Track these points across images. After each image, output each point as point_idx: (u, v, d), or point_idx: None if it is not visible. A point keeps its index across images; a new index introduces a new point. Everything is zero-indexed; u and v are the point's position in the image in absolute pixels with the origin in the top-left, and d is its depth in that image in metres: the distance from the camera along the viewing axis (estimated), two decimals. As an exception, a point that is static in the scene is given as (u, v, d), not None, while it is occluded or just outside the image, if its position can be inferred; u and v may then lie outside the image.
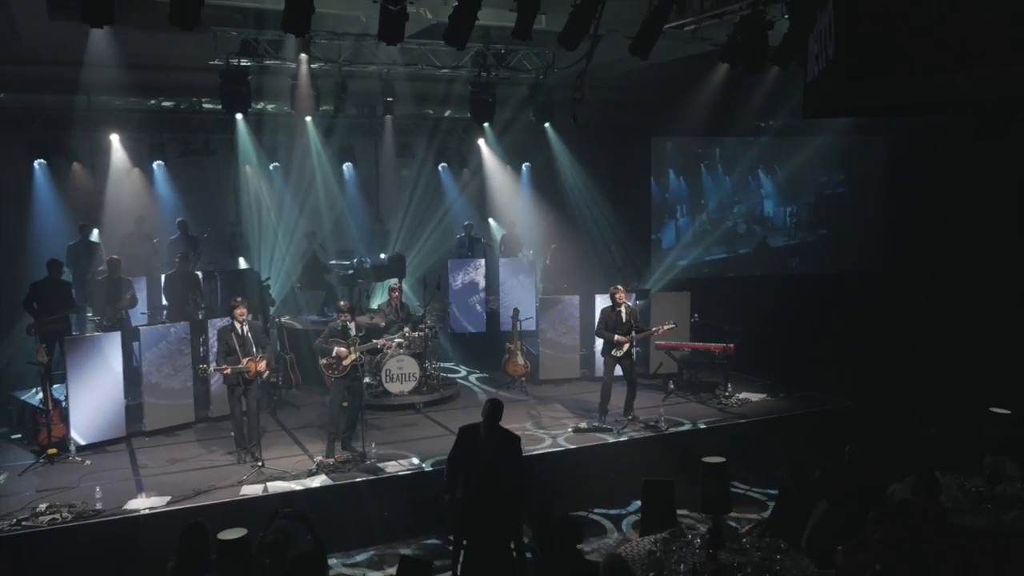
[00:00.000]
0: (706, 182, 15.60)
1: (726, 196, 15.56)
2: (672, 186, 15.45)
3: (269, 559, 5.16)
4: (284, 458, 8.42)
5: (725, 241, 15.50)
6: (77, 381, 8.62)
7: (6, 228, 11.74)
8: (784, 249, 15.84)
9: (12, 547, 6.54)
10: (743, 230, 15.79)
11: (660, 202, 15.26)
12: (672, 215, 15.44)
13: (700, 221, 15.34)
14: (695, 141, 15.27)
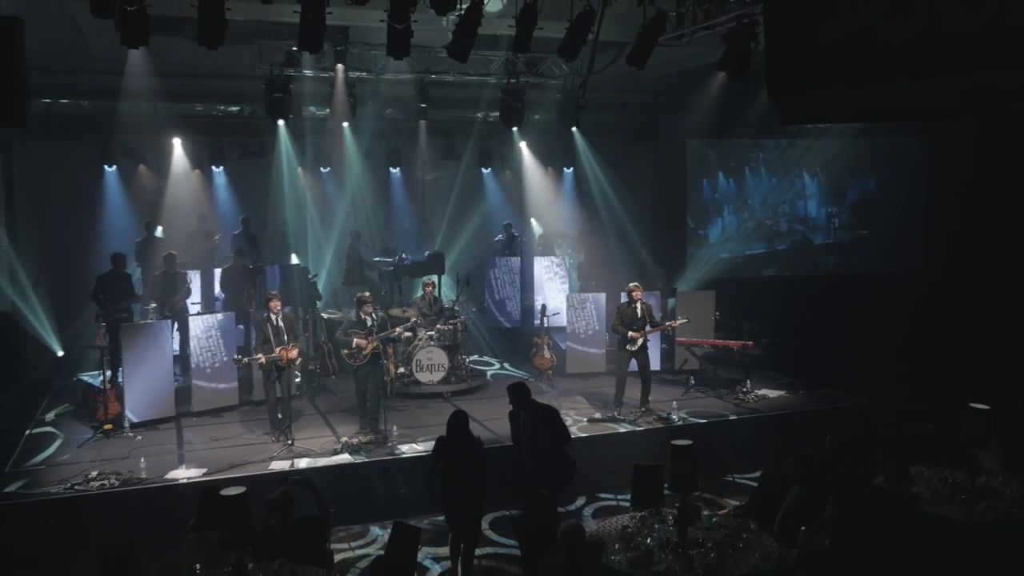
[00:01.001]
0: (751, 183, 15.96)
1: (771, 196, 15.92)
2: (721, 187, 15.90)
3: (275, 519, 5.81)
4: (314, 438, 9.13)
5: (766, 238, 15.94)
6: (132, 364, 9.49)
7: (80, 225, 12.77)
8: (823, 247, 16.16)
9: (66, 507, 7.39)
10: (784, 228, 16.14)
11: (710, 201, 15.69)
12: (719, 213, 15.84)
13: (744, 219, 15.68)
14: (733, 144, 15.58)
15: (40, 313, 11.50)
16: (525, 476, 7.16)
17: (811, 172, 16.11)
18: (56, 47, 10.63)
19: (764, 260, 15.96)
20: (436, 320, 11.35)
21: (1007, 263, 12.41)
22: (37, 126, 11.45)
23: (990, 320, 12.34)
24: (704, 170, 15.63)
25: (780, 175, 15.90)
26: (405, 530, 5.95)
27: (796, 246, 16.03)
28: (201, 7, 6.52)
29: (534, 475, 7.06)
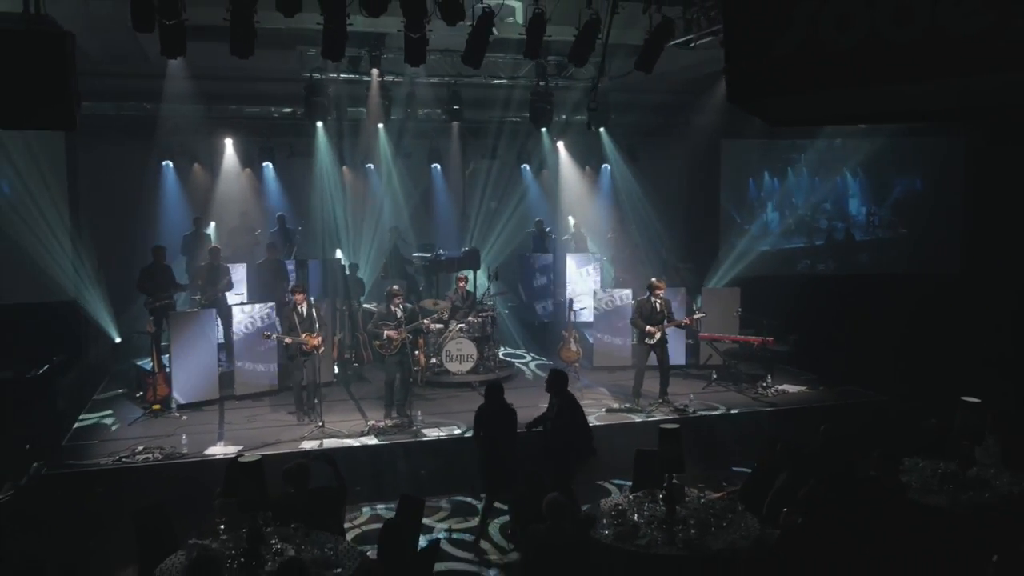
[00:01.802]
0: (793, 182, 16.22)
1: (813, 195, 16.26)
2: (766, 185, 16.21)
3: (292, 488, 6.36)
4: (344, 421, 9.71)
5: (806, 233, 16.27)
6: (179, 350, 10.21)
7: (138, 220, 13.59)
8: (860, 244, 16.33)
9: (113, 477, 8.12)
10: (824, 225, 16.34)
11: (755, 198, 15.98)
12: (764, 209, 16.14)
13: (786, 215, 15.98)
14: (771, 143, 15.79)
15: (100, 302, 12.34)
16: (548, 456, 7.70)
17: (853, 171, 16.31)
18: (118, 54, 11.42)
19: (801, 254, 16.30)
20: (468, 313, 11.84)
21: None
22: (100, 127, 12.36)
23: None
24: (750, 169, 15.98)
25: (822, 174, 16.12)
26: (410, 501, 6.46)
27: (834, 242, 16.22)
28: (232, 19, 7.10)
29: (558, 456, 7.64)
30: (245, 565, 5.33)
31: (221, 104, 13.35)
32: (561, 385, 7.90)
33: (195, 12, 7.79)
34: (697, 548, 5.74)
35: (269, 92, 13.05)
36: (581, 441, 8.00)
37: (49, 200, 12.22)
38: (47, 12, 8.82)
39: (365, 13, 7.03)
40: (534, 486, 6.57)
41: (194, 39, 8.28)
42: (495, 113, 13.70)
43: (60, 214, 12.21)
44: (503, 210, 15.10)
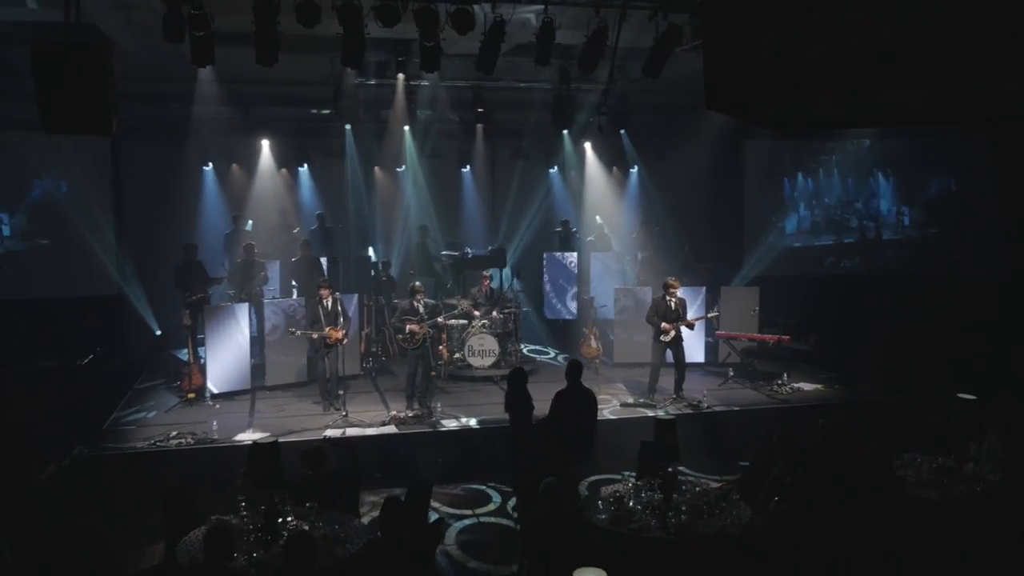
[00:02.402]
0: (826, 183, 16.42)
1: (845, 194, 16.51)
2: (799, 185, 16.40)
3: (309, 470, 6.77)
4: (367, 412, 10.13)
5: (836, 231, 16.47)
6: (213, 342, 10.72)
7: (180, 218, 14.18)
8: (888, 243, 16.51)
9: (147, 460, 8.64)
10: (855, 224, 16.47)
11: (789, 197, 16.30)
12: (796, 208, 16.34)
13: (816, 214, 16.24)
14: (802, 144, 15.97)
15: (142, 296, 12.97)
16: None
17: (885, 172, 16.44)
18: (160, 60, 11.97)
19: (830, 251, 16.50)
20: (491, 310, 12.20)
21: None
22: (143, 129, 12.98)
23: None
24: (783, 169, 16.18)
25: (855, 175, 16.30)
26: (420, 486, 6.82)
27: (864, 240, 16.42)
28: (257, 29, 7.55)
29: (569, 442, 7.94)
30: (261, 539, 5.74)
31: (258, 107, 13.88)
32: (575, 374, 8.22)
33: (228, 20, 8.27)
34: (687, 533, 6.02)
35: (303, 95, 13.50)
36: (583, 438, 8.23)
37: (95, 199, 12.94)
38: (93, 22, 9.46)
39: (380, 24, 7.44)
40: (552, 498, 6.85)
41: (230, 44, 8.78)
42: (522, 115, 14.02)
43: (105, 212, 12.89)
44: (528, 210, 15.42)
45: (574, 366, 8.31)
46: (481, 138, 14.70)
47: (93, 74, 6.38)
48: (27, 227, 13.21)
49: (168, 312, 12.77)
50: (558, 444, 7.99)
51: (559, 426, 8.10)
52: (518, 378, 8.41)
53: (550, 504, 6.00)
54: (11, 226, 13.18)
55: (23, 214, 13.21)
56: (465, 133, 15.08)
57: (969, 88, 3.60)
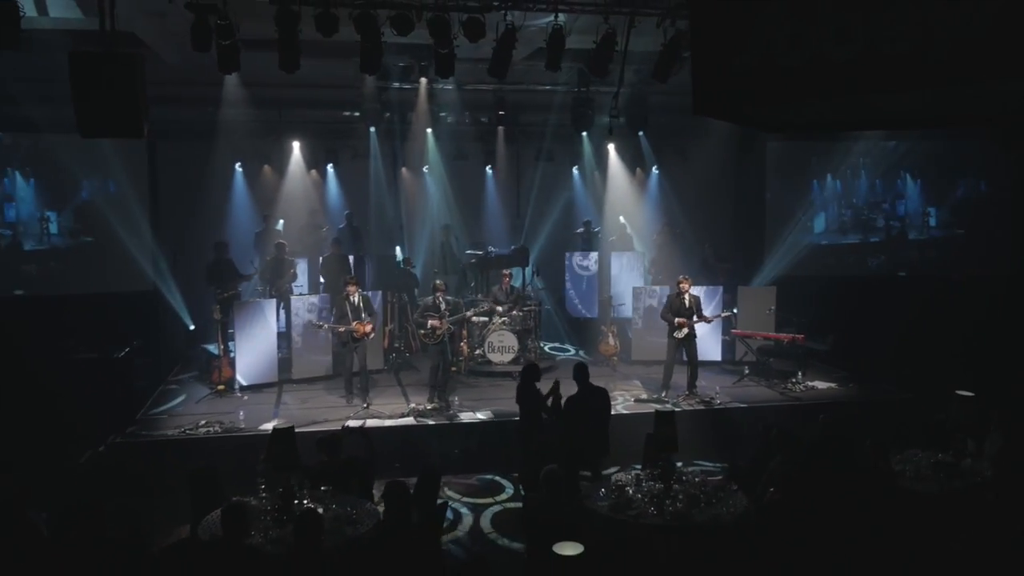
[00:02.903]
0: (853, 184, 16.59)
1: (873, 195, 16.74)
2: (828, 186, 16.58)
3: (325, 456, 7.13)
4: (388, 404, 10.50)
5: (861, 231, 16.69)
6: (242, 336, 11.17)
7: (213, 217, 14.69)
8: (912, 242, 16.67)
9: (177, 447, 9.07)
10: (881, 224, 16.59)
11: (817, 197, 16.49)
12: (824, 208, 16.53)
13: (845, 213, 16.59)
14: (830, 146, 16.09)
15: (176, 292, 13.49)
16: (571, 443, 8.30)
17: (913, 173, 16.57)
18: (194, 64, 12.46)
19: (855, 250, 16.65)
20: (512, 307, 12.50)
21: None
22: (178, 131, 13.50)
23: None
24: (812, 170, 16.35)
25: (883, 175, 16.45)
26: (429, 476, 7.15)
27: (890, 239, 16.59)
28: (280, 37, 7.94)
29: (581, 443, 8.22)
30: (277, 519, 6.12)
31: (288, 109, 14.34)
32: (582, 376, 8.47)
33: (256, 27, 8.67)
34: (682, 520, 6.28)
35: (330, 98, 13.90)
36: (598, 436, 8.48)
37: (134, 199, 13.51)
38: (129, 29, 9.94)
39: (395, 32, 7.79)
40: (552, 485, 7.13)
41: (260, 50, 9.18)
42: (544, 117, 14.32)
43: (141, 211, 13.44)
44: (551, 210, 15.70)
45: (580, 369, 8.53)
46: (502, 140, 14.99)
47: (125, 81, 6.81)
48: (73, 225, 13.83)
49: (201, 308, 13.25)
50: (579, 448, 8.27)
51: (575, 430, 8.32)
52: (530, 373, 8.72)
53: (550, 490, 6.29)
54: (58, 224, 13.80)
55: (70, 213, 13.83)
56: (489, 135, 15.41)
57: (965, 91, 3.82)
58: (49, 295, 13.03)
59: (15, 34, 7.09)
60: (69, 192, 13.65)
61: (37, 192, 13.58)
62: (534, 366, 8.97)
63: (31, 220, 13.59)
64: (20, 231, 13.56)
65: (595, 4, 8.21)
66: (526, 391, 8.61)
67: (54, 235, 13.77)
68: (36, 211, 13.62)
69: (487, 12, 7.96)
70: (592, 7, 8.29)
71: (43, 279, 13.55)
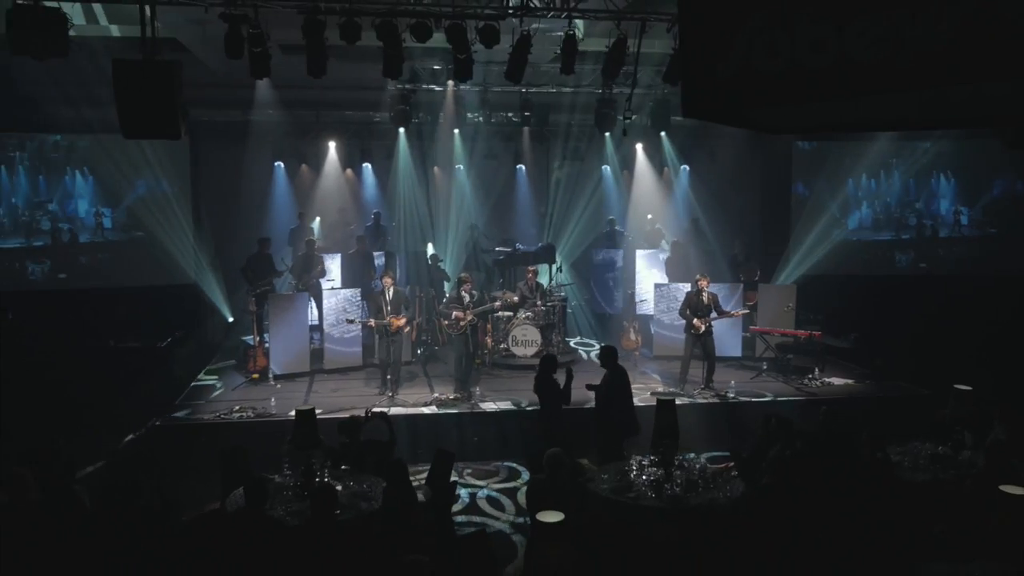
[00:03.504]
0: (886, 184, 16.85)
1: (907, 195, 16.90)
2: (864, 185, 16.76)
3: (346, 438, 7.59)
4: (414, 394, 10.95)
5: (894, 228, 16.90)
6: (276, 328, 11.71)
7: (251, 214, 15.31)
8: (943, 240, 16.81)
9: (212, 430, 9.62)
10: (913, 222, 16.72)
11: (852, 196, 16.71)
12: (858, 207, 16.73)
13: (879, 211, 16.75)
14: (865, 146, 16.23)
15: (215, 285, 14.14)
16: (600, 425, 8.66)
17: (946, 173, 16.66)
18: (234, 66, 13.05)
19: (886, 246, 16.86)
20: (536, 303, 12.88)
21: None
22: (219, 132, 14.13)
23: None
24: (847, 170, 16.55)
25: (917, 175, 16.66)
26: (444, 455, 7.56)
27: (922, 237, 16.74)
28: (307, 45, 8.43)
29: (608, 425, 8.58)
30: (298, 494, 6.59)
31: (325, 110, 14.90)
32: (611, 359, 8.83)
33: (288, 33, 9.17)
34: (678, 503, 6.61)
35: (363, 99, 14.40)
36: (627, 417, 8.83)
37: (175, 196, 14.19)
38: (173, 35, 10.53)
39: (415, 40, 8.22)
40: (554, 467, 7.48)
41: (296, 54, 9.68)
42: (572, 117, 14.67)
43: (184, 208, 14.11)
44: (578, 208, 16.04)
45: (608, 351, 8.88)
46: (527, 139, 15.38)
47: (163, 86, 7.35)
48: (126, 220, 14.60)
49: (240, 301, 13.87)
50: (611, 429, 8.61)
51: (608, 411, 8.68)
52: (548, 364, 9.08)
53: (553, 472, 6.65)
54: (112, 219, 14.59)
55: (124, 209, 14.58)
56: (517, 135, 15.81)
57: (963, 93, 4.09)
58: (99, 287, 13.76)
59: (64, 44, 7.65)
60: (124, 190, 14.40)
61: (95, 189, 14.40)
62: (551, 357, 9.32)
63: (87, 216, 14.41)
64: (78, 225, 14.40)
65: (607, 11, 8.54)
66: (544, 381, 8.95)
67: (108, 229, 14.59)
68: (92, 207, 14.42)
69: (502, 20, 8.34)
70: (604, 14, 8.62)
71: (95, 270, 14.35)
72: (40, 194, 14.14)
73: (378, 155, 15.83)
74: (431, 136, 14.84)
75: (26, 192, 14.05)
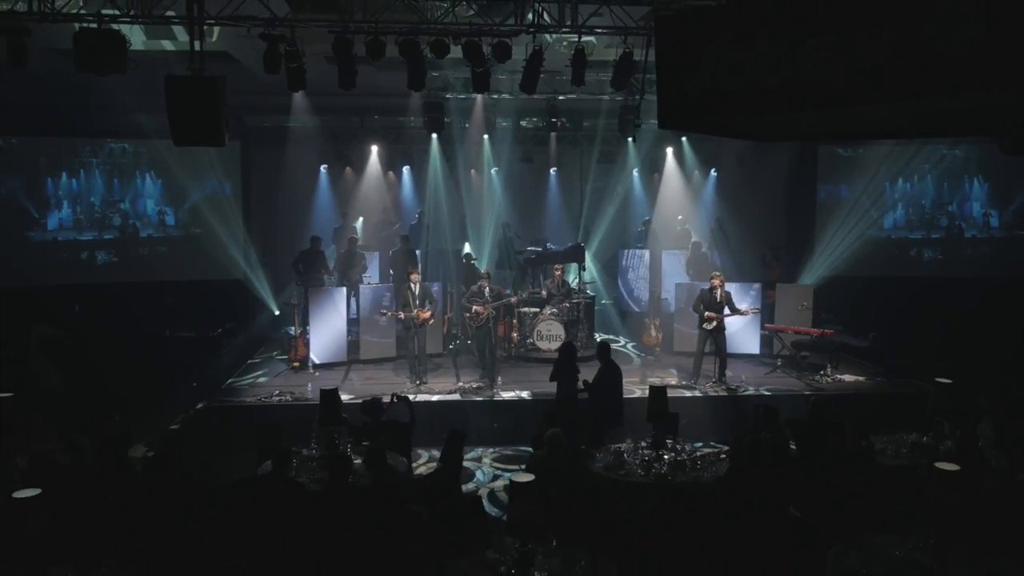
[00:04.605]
0: (919, 185, 17.26)
1: (940, 197, 17.26)
2: (899, 187, 17.11)
3: (368, 417, 8.36)
4: (440, 383, 11.70)
5: (925, 228, 17.31)
6: (316, 320, 12.59)
7: (299, 214, 16.28)
8: (969, 240, 17.19)
9: (254, 412, 10.50)
10: (944, 223, 17.03)
11: (889, 197, 17.14)
12: (893, 208, 17.18)
13: (912, 212, 17.20)
14: (897, 151, 16.56)
15: (264, 281, 15.14)
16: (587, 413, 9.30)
17: (979, 177, 16.91)
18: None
19: (913, 244, 17.31)
20: (562, 300, 13.53)
21: None
22: (268, 137, 15.10)
23: None
24: (881, 174, 16.93)
25: (950, 179, 17.07)
26: (456, 435, 8.26)
27: (951, 237, 17.11)
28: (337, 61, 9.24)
29: (595, 414, 9.19)
30: (322, 464, 7.38)
31: (368, 116, 15.80)
32: (605, 354, 9.46)
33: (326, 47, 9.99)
34: (663, 480, 7.23)
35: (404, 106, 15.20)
36: (612, 409, 9.42)
37: (229, 197, 15.24)
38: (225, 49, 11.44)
39: (434, 56, 8.97)
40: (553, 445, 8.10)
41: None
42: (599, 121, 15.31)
43: (235, 209, 15.15)
44: (609, 209, 16.66)
45: (602, 346, 9.52)
46: (554, 144, 16.06)
47: (208, 99, 8.21)
48: (187, 219, 15.77)
49: (287, 295, 14.83)
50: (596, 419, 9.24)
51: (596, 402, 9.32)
52: (566, 352, 9.74)
53: (550, 450, 7.32)
54: (175, 217, 15.76)
55: (187, 208, 15.76)
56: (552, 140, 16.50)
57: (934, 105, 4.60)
58: (156, 280, 14.89)
59: (123, 61, 8.57)
60: (187, 190, 15.57)
61: (161, 190, 15.66)
62: (570, 345, 9.97)
63: (153, 214, 15.69)
64: (144, 222, 15.71)
65: (614, 28, 9.16)
66: (562, 369, 9.60)
67: (169, 226, 15.82)
68: (157, 206, 15.71)
69: (515, 35, 9.04)
70: (611, 29, 9.25)
71: (153, 263, 15.60)
72: (114, 194, 15.48)
73: (417, 158, 16.66)
74: (463, 141, 15.60)
75: (102, 192, 15.40)
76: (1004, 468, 7.38)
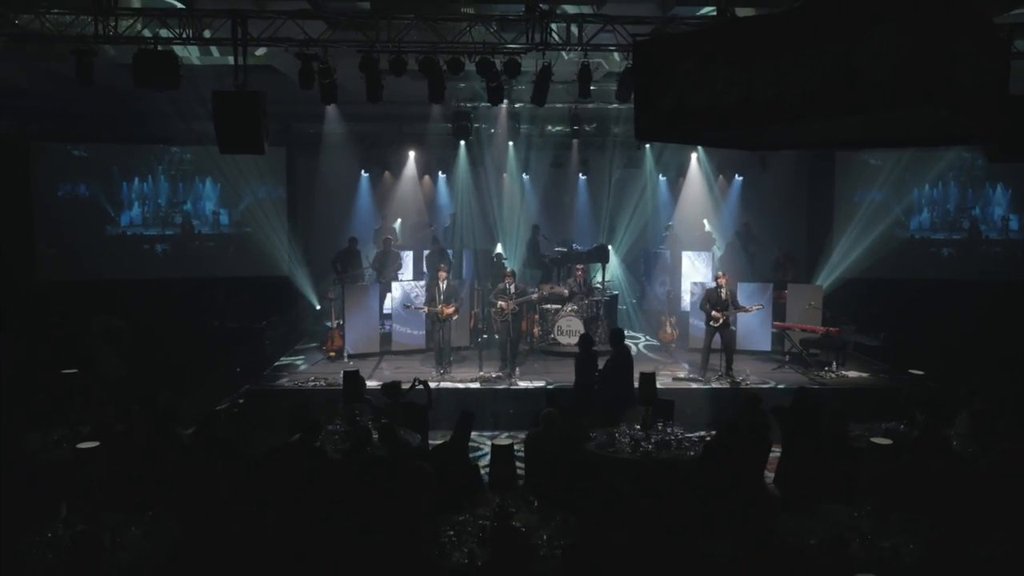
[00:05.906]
0: (942, 192, 17.75)
1: (964, 202, 17.75)
2: (927, 192, 17.60)
3: (388, 398, 9.26)
4: (463, 372, 12.58)
5: (947, 230, 17.81)
6: (351, 313, 13.57)
7: (340, 216, 17.35)
8: (987, 242, 17.64)
9: (290, 395, 11.51)
10: (967, 225, 17.59)
11: (917, 201, 17.67)
12: (920, 211, 17.70)
13: (934, 215, 17.69)
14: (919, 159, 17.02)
15: (306, 278, 16.25)
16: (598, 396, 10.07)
17: (1003, 183, 17.29)
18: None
19: (932, 244, 17.79)
20: (584, 298, 14.32)
21: None
22: (314, 143, 16.19)
23: None
24: (912, 180, 17.46)
25: (973, 185, 17.51)
26: (467, 415, 9.11)
27: (972, 239, 17.53)
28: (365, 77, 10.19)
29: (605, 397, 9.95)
30: (344, 437, 8.30)
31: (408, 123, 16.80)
32: (618, 340, 10.23)
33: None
34: (647, 457, 7.99)
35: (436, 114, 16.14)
36: (623, 391, 10.19)
37: (277, 199, 16.39)
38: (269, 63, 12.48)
39: (450, 73, 9.88)
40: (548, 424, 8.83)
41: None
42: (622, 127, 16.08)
43: (281, 210, 16.29)
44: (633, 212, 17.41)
45: (615, 332, 10.27)
46: (576, 150, 16.87)
47: (250, 111, 9.19)
48: (239, 219, 17.02)
49: (324, 291, 15.89)
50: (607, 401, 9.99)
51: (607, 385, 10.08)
52: (585, 342, 10.52)
53: (546, 429, 8.12)
54: (229, 217, 17.03)
55: (241, 210, 17.01)
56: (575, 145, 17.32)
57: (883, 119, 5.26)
58: (207, 276, 16.12)
59: (176, 78, 9.62)
60: (243, 193, 16.83)
61: (220, 193, 17.00)
62: (588, 336, 10.75)
63: (210, 215, 17.00)
64: (201, 221, 17.07)
65: (617, 46, 9.94)
66: (583, 358, 10.37)
67: (223, 225, 17.16)
68: (215, 208, 17.05)
69: (524, 53, 9.88)
70: (615, 47, 10.03)
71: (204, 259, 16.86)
72: (178, 196, 16.96)
73: (452, 163, 17.61)
74: (491, 147, 16.50)
75: (168, 194, 16.88)
76: (974, 456, 7.98)
